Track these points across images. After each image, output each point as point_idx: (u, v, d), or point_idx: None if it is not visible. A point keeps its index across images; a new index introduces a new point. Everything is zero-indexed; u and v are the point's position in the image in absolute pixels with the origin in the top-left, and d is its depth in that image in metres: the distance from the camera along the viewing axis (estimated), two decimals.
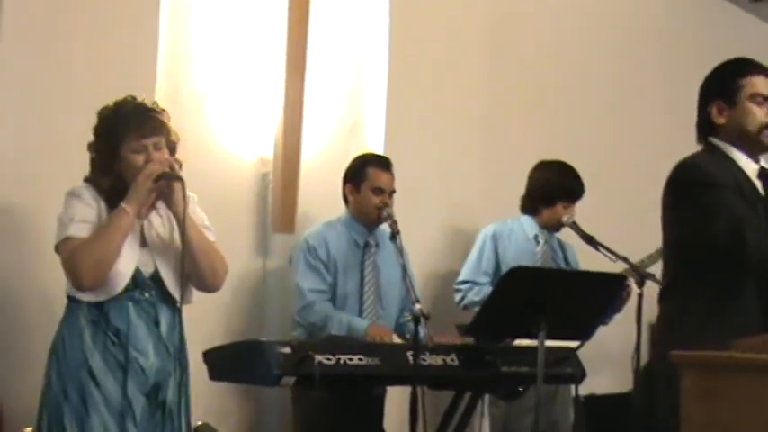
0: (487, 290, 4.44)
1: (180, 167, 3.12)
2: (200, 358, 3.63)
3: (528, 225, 4.78)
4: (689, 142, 3.26)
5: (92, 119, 3.18)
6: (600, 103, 5.91)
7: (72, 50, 3.72)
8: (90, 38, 3.78)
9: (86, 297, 3.03)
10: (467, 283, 4.71)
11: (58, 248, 3.05)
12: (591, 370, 4.30)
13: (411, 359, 3.59)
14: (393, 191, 4.22)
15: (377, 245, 4.26)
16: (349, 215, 4.28)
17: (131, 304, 3.07)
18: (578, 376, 4.24)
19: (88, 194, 3.08)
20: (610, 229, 4.68)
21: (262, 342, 3.61)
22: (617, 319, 4.43)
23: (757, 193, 3.01)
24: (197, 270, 3.17)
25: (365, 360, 3.60)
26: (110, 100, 3.20)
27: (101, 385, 2.98)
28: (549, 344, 3.66)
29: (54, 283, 3.24)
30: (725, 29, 6.74)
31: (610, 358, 4.80)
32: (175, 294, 3.13)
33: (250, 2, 4.43)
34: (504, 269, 4.37)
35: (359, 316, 4.15)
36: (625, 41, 6.13)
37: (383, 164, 4.27)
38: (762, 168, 3.06)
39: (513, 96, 5.45)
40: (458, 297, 4.73)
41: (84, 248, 2.98)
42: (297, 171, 4.42)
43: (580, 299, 3.73)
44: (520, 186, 4.84)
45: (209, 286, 3.27)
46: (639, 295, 4.11)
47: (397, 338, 4.06)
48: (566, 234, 4.82)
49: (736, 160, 3.07)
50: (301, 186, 4.44)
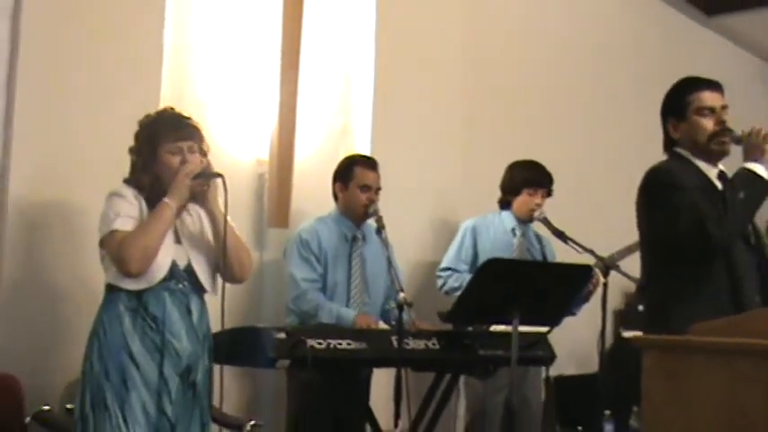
0: (466, 277, 4.47)
1: (221, 176, 3.15)
2: None
3: (507, 219, 4.78)
4: (654, 142, 3.29)
5: (111, 124, 3.20)
6: (571, 107, 5.94)
7: (91, 63, 3.71)
8: (105, 52, 3.77)
9: (128, 285, 3.03)
10: (448, 270, 4.72)
11: (103, 242, 3.05)
12: (560, 353, 4.34)
13: (395, 343, 3.61)
14: (379, 188, 4.22)
15: (364, 238, 4.25)
16: (338, 211, 4.27)
17: (167, 294, 3.07)
18: (548, 359, 4.32)
19: (129, 193, 3.10)
20: (583, 223, 4.68)
21: (259, 328, 3.62)
22: (584, 305, 4.43)
23: (719, 192, 3.05)
24: (228, 263, 3.20)
25: (353, 344, 3.63)
26: (123, 106, 3.30)
27: (140, 366, 2.99)
28: (521, 329, 3.68)
29: (88, 276, 3.28)
30: (683, 40, 6.79)
31: (577, 342, 4.80)
32: (206, 285, 3.18)
33: (247, 18, 4.41)
34: (482, 259, 4.39)
35: (347, 303, 4.14)
36: (596, 50, 6.17)
37: (369, 164, 4.26)
38: (721, 172, 3.11)
39: (490, 101, 5.47)
40: (439, 283, 4.74)
41: (132, 238, 2.99)
42: (290, 171, 4.43)
43: (550, 288, 3.76)
44: (497, 183, 4.85)
45: (236, 278, 3.30)
46: (604, 285, 4.11)
47: (382, 325, 4.08)
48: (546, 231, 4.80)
49: (700, 167, 3.12)
50: (294, 185, 4.44)
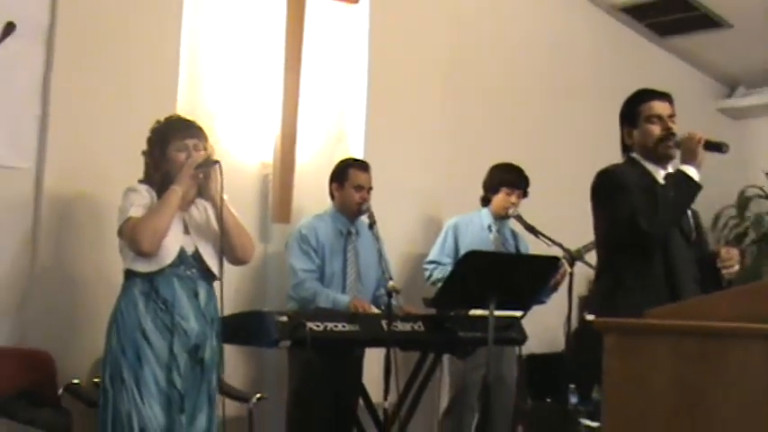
0: (449, 269, 4.42)
1: (218, 162, 3.16)
2: None
3: (485, 216, 4.77)
4: (611, 147, 3.28)
5: (133, 130, 3.23)
6: (541, 117, 5.92)
7: (115, 79, 3.74)
8: (128, 70, 3.79)
9: (141, 268, 3.04)
10: (433, 263, 4.71)
11: (120, 230, 3.07)
12: (531, 334, 4.34)
13: (385, 326, 3.62)
14: (371, 188, 4.21)
15: (357, 233, 4.25)
16: (335, 208, 4.27)
17: (176, 279, 3.08)
18: (521, 339, 4.32)
19: (142, 188, 3.13)
20: (554, 219, 4.69)
21: (263, 312, 3.64)
22: (553, 294, 4.45)
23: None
24: (230, 245, 3.20)
25: (347, 327, 3.64)
26: (144, 116, 3.27)
27: (152, 344, 3.00)
28: (497, 313, 3.69)
29: (110, 264, 3.27)
30: (639, 58, 6.78)
31: (546, 325, 4.82)
32: (214, 269, 3.16)
33: (253, 38, 4.41)
34: (462, 253, 4.37)
35: (342, 291, 4.13)
36: (562, 65, 6.14)
37: (362, 166, 4.26)
38: (668, 174, 3.09)
39: (470, 112, 5.44)
40: (426, 274, 4.72)
41: (143, 220, 3.02)
42: (292, 173, 4.41)
43: (523, 277, 3.77)
44: (476, 184, 4.84)
45: (239, 259, 3.29)
46: (570, 274, 4.12)
47: (374, 309, 4.07)
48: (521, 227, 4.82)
49: (649, 170, 3.10)
50: (296, 185, 4.43)
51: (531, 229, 4.54)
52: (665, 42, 7.09)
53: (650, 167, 3.10)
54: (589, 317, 3.15)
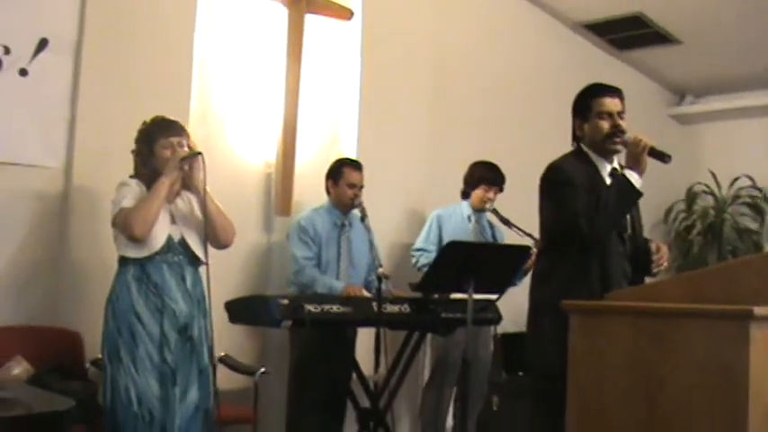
0: (434, 255, 4.40)
1: (200, 153, 3.11)
2: (223, 307, 3.68)
3: (465, 208, 4.75)
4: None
5: None
6: (513, 121, 5.91)
7: (136, 88, 3.74)
8: (147, 79, 3.79)
9: (133, 254, 3.02)
10: (419, 250, 4.68)
11: (114, 219, 3.05)
12: (505, 315, 4.34)
13: (375, 308, 3.63)
14: (362, 186, 4.20)
15: (350, 225, 4.24)
16: (330, 203, 4.26)
17: (165, 265, 3.06)
18: (496, 320, 4.32)
19: (134, 183, 3.11)
20: (526, 211, 4.70)
21: (267, 296, 3.67)
22: (524, 278, 4.46)
23: (606, 187, 2.89)
24: (212, 228, 3.16)
25: (342, 309, 3.65)
26: None
27: (145, 324, 2.99)
28: (475, 296, 3.68)
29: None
30: (599, 69, 6.75)
31: (519, 306, 4.83)
32: (200, 254, 3.13)
33: (258, 50, 4.41)
34: (446, 242, 4.32)
35: (337, 277, 4.12)
36: (530, 74, 6.13)
37: (355, 165, 4.26)
38: (613, 168, 2.97)
39: (450, 117, 5.43)
40: (413, 261, 4.70)
41: (135, 209, 3.00)
42: (292, 171, 4.40)
43: (498, 264, 3.76)
44: (455, 180, 4.84)
45: (222, 242, 3.22)
46: None
47: (365, 293, 4.08)
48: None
49: (594, 162, 2.97)
50: (296, 182, 4.42)
51: (506, 222, 4.54)
52: (622, 55, 7.12)
53: (596, 160, 2.96)
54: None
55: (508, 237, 4.73)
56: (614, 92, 3.00)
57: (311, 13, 4.51)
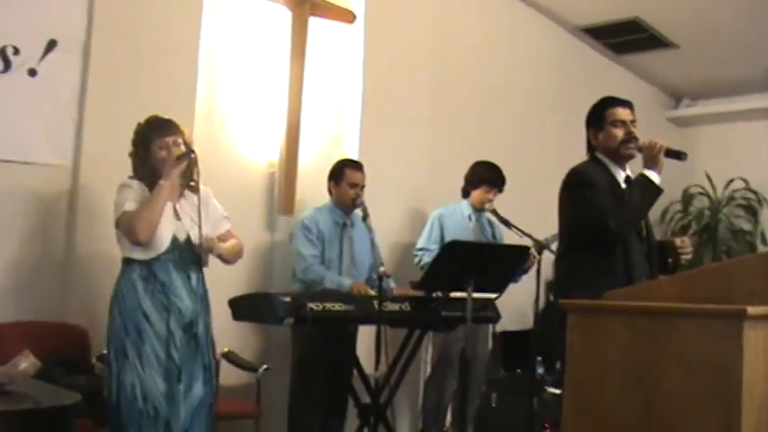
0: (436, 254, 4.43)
1: (193, 152, 3.12)
2: (227, 304, 3.69)
3: (465, 207, 4.75)
4: (574, 151, 3.29)
5: None
6: (512, 123, 5.91)
7: (143, 90, 3.75)
8: (154, 81, 3.81)
9: (139, 256, 3.03)
10: (422, 249, 4.68)
11: (118, 222, 3.05)
12: (504, 313, 4.35)
13: (376, 306, 3.62)
14: (364, 185, 4.20)
15: (352, 224, 4.23)
16: (332, 203, 4.26)
17: (171, 264, 3.07)
18: (495, 318, 4.32)
19: (135, 184, 3.11)
20: (525, 212, 4.71)
21: (270, 294, 3.65)
22: (523, 277, 4.48)
23: (623, 191, 3.00)
24: (228, 263, 3.28)
25: (344, 306, 3.65)
26: None
27: (151, 322, 3.00)
28: (475, 295, 3.67)
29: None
30: (597, 72, 6.79)
31: (517, 305, 4.84)
32: (202, 254, 3.14)
33: (262, 53, 4.42)
34: (447, 240, 4.34)
35: (339, 274, 4.11)
36: (530, 77, 6.15)
37: (357, 166, 4.25)
38: (627, 176, 3.07)
39: (451, 118, 5.44)
40: (416, 260, 4.68)
41: (138, 213, 3.00)
42: (295, 171, 4.41)
43: (497, 263, 3.75)
44: (456, 180, 4.84)
45: (231, 264, 3.34)
46: (539, 261, 4.12)
47: (371, 292, 4.04)
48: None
49: (610, 169, 3.07)
50: (299, 182, 4.42)
51: (506, 222, 4.51)
52: (620, 59, 7.13)
53: (612, 166, 3.07)
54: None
55: (509, 236, 4.70)
56: (626, 103, 3.14)
57: (314, 16, 4.53)
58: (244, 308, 3.67)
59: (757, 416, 2.20)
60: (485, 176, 4.71)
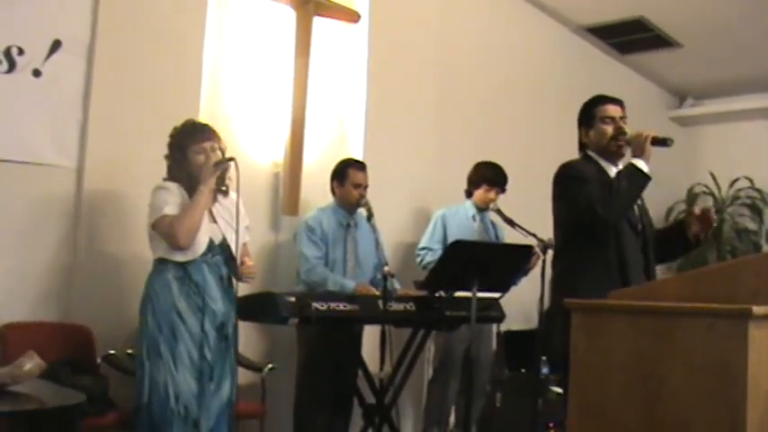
0: (439, 254, 4.40)
1: (233, 160, 3.16)
2: None
3: (469, 207, 4.75)
4: (574, 151, 3.29)
5: (161, 133, 3.22)
6: (516, 122, 5.93)
7: (146, 91, 3.75)
8: (157, 82, 3.81)
9: (178, 258, 3.04)
10: (425, 249, 4.69)
11: (155, 225, 3.05)
12: (508, 312, 4.35)
13: (381, 306, 3.62)
14: (367, 186, 4.20)
15: (356, 225, 4.23)
16: (336, 203, 4.25)
17: (206, 266, 3.09)
18: (499, 317, 4.32)
19: (174, 187, 3.11)
20: (529, 211, 4.70)
21: (275, 293, 3.64)
22: (526, 277, 4.47)
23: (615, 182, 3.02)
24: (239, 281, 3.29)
25: (348, 306, 3.64)
26: (171, 121, 3.26)
27: (186, 323, 3.02)
28: (479, 295, 3.68)
29: (141, 251, 3.27)
30: (602, 71, 6.80)
31: (522, 304, 4.84)
32: (238, 256, 3.17)
33: (266, 53, 4.41)
34: (450, 240, 4.34)
35: (343, 276, 4.10)
36: (535, 77, 6.16)
37: (360, 166, 4.25)
38: (618, 171, 3.07)
39: (455, 117, 5.44)
40: (418, 259, 4.70)
41: (179, 219, 3.01)
42: (299, 171, 4.40)
43: (501, 263, 3.77)
44: (460, 180, 4.84)
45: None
46: (542, 261, 4.11)
47: (376, 293, 4.08)
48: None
49: (601, 165, 3.09)
50: (303, 182, 4.42)
51: (510, 222, 4.52)
52: (624, 59, 7.13)
53: (603, 163, 3.08)
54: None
55: (511, 235, 4.72)
56: (615, 101, 3.15)
57: (319, 16, 4.52)
58: (248, 308, 3.65)
59: (762, 416, 2.18)
60: (486, 176, 4.72)
